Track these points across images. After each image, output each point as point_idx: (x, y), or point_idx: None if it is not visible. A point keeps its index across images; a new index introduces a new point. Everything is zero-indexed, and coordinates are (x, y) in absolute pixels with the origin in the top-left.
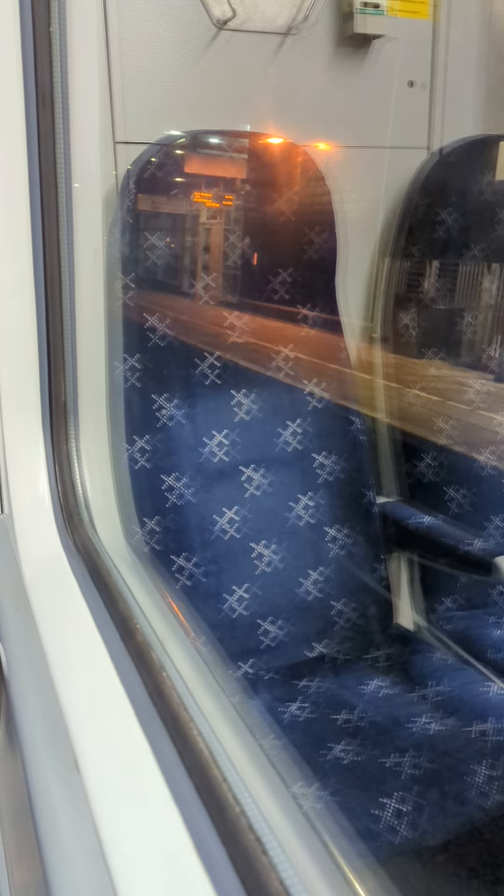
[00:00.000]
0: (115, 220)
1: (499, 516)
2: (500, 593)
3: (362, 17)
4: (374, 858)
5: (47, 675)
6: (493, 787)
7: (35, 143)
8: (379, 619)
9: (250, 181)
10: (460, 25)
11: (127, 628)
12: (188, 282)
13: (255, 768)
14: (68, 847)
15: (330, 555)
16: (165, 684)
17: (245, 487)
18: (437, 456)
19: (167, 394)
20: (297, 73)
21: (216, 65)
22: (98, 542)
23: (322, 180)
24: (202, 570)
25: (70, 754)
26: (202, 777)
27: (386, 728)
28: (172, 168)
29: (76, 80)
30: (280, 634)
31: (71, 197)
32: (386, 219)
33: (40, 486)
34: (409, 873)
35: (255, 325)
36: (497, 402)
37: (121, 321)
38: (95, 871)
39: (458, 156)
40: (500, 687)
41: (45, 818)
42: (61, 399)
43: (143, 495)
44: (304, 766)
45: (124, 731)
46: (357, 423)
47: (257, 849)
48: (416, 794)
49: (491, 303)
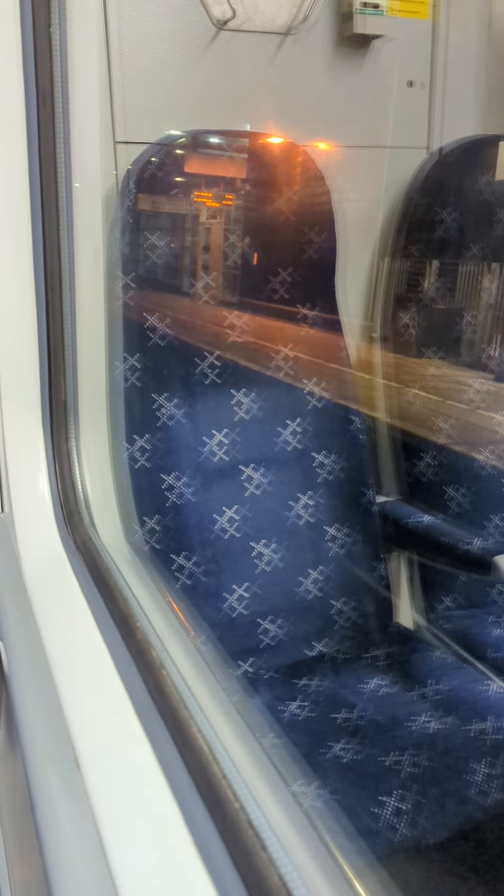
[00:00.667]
0: (116, 219)
1: (498, 515)
2: (500, 592)
3: (362, 17)
4: (373, 856)
5: (48, 674)
6: (493, 786)
7: (35, 142)
8: (378, 617)
9: (250, 181)
10: (459, 25)
11: (127, 627)
12: (188, 281)
13: (255, 766)
14: (69, 844)
15: (330, 554)
16: (165, 682)
17: (245, 486)
18: (437, 455)
19: (167, 393)
20: (297, 73)
21: (216, 65)
22: (98, 540)
23: (322, 180)
24: (202, 569)
25: (70, 752)
26: (202, 774)
27: (385, 727)
28: (172, 168)
29: (76, 79)
30: (280, 633)
31: (71, 196)
32: (385, 218)
33: (40, 484)
34: (409, 871)
35: (254, 325)
36: (496, 401)
37: (121, 321)
38: (96, 868)
39: (458, 155)
40: (500, 686)
41: (45, 816)
42: (61, 398)
43: (143, 494)
44: (304, 765)
45: (124, 729)
46: (357, 422)
47: (256, 844)
48: (416, 793)
49: (490, 302)
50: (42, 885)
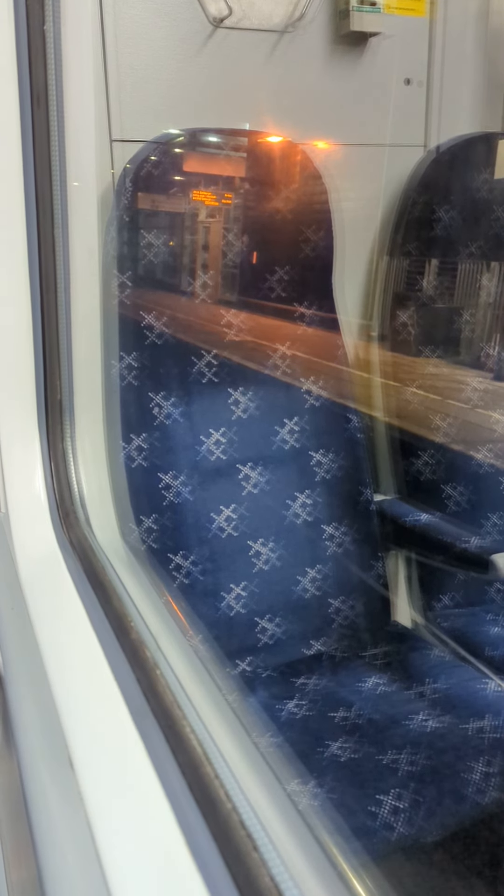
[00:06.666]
0: (112, 218)
1: (496, 514)
2: (498, 590)
3: (358, 14)
4: (369, 855)
5: (42, 673)
6: (490, 784)
7: (30, 141)
8: (376, 616)
9: (247, 179)
10: (457, 22)
11: (122, 626)
12: (185, 280)
13: (249, 765)
14: (62, 844)
15: (327, 552)
16: (159, 682)
17: (242, 485)
18: (435, 453)
19: (164, 392)
20: (294, 70)
21: (212, 63)
22: (94, 540)
23: (319, 178)
24: (199, 568)
25: (65, 752)
26: (194, 774)
27: (383, 725)
28: (169, 166)
29: (71, 77)
30: (278, 632)
31: (66, 195)
32: (383, 217)
33: (36, 484)
34: (405, 870)
35: (252, 323)
36: (494, 399)
37: (117, 319)
38: (89, 867)
39: (455, 153)
40: (497, 684)
41: (39, 815)
42: (57, 397)
43: (140, 493)
44: (301, 764)
45: (118, 729)
46: (354, 420)
47: (248, 845)
48: (413, 791)
49: (489, 301)
50: (37, 884)
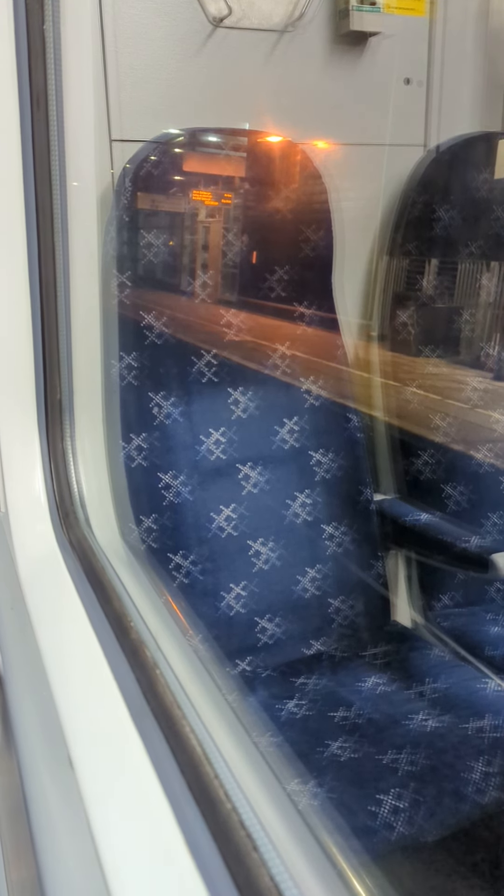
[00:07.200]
0: (111, 217)
1: (496, 513)
2: (498, 590)
3: (358, 14)
4: (368, 855)
5: (42, 673)
6: (490, 784)
7: (30, 141)
8: (376, 616)
9: (247, 179)
10: (456, 22)
11: (121, 626)
12: (184, 279)
13: (248, 765)
14: (62, 843)
15: (327, 552)
16: (159, 682)
17: (242, 485)
18: (435, 453)
19: (164, 392)
20: (294, 70)
21: (212, 62)
22: (94, 540)
23: (319, 178)
24: (199, 567)
25: (64, 751)
26: (194, 774)
27: (383, 725)
28: (169, 166)
29: (71, 77)
30: (278, 632)
31: (66, 195)
32: (383, 216)
33: (36, 484)
34: (405, 869)
35: (251, 323)
36: (494, 399)
37: (116, 319)
38: (88, 867)
39: (455, 153)
40: (497, 683)
41: (39, 815)
42: (57, 397)
43: (140, 493)
44: (301, 763)
45: (118, 729)
46: (354, 420)
47: (248, 845)
48: (413, 791)
49: (489, 300)
50: (37, 884)
